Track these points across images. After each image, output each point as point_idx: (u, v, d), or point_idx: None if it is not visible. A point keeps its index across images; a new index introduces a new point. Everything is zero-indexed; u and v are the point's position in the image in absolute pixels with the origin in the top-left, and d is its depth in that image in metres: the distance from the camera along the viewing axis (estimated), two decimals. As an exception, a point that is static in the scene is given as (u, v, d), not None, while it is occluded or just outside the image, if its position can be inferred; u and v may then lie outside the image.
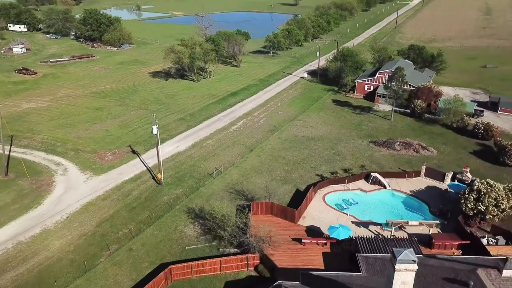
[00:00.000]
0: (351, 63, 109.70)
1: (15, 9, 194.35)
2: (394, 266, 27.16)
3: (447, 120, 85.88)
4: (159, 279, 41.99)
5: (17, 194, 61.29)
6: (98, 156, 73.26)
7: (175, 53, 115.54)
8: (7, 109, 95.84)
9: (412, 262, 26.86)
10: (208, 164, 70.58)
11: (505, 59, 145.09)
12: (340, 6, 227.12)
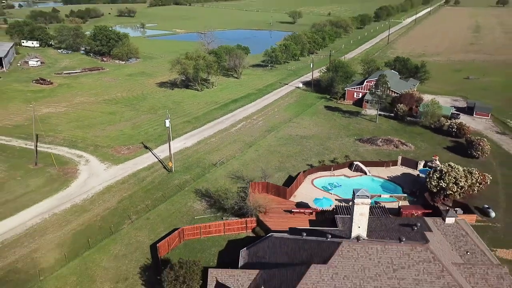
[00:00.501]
0: (342, 73, 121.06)
1: (28, 26, 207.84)
2: (354, 202, 37.22)
3: (425, 121, 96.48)
4: (173, 236, 51.86)
5: (47, 179, 71.45)
6: (114, 150, 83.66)
7: (180, 64, 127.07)
8: (29, 113, 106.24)
9: (367, 197, 36.96)
10: (212, 156, 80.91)
11: (487, 72, 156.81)
12: (335, 24, 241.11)
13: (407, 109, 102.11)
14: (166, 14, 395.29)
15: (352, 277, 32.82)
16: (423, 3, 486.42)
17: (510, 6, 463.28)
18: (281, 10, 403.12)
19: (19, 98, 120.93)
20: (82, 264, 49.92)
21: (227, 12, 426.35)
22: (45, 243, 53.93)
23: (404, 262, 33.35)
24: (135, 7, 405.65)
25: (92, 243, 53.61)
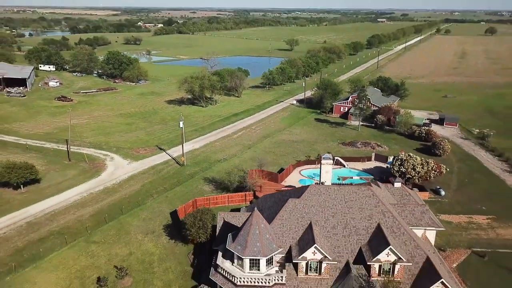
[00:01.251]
0: (330, 91, 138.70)
1: (45, 52, 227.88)
2: (321, 162, 53.24)
3: (400, 129, 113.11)
4: (188, 204, 67.39)
5: (81, 171, 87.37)
6: (134, 151, 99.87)
7: (188, 83, 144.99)
8: (56, 124, 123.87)
9: (330, 159, 53.04)
10: (217, 155, 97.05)
11: (464, 92, 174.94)
12: (329, 50, 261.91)
13: (385, 119, 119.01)
14: (170, 42, 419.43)
15: (317, 206, 48.24)
16: (415, 32, 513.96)
17: (498, 35, 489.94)
18: (279, 39, 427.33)
19: (45, 112, 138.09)
20: (119, 224, 65.27)
21: (228, 40, 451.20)
22: (87, 211, 69.44)
23: (353, 197, 48.86)
24: (141, 36, 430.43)
25: (124, 211, 69.13)
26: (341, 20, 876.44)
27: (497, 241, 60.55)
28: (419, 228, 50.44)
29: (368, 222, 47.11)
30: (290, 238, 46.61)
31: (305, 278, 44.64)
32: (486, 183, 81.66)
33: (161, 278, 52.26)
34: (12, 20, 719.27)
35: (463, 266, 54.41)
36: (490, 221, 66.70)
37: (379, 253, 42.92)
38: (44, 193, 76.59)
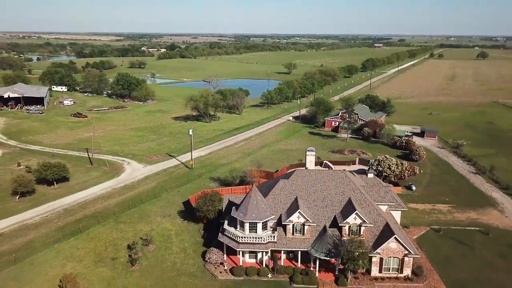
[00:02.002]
0: (323, 107, 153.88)
1: (58, 74, 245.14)
2: (306, 153, 67.42)
3: (384, 140, 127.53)
4: (198, 194, 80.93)
5: (103, 172, 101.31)
6: (147, 157, 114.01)
7: (193, 100, 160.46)
8: (74, 136, 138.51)
9: (313, 151, 67.25)
10: (220, 161, 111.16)
11: (448, 109, 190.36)
12: (324, 73, 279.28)
13: (371, 132, 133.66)
14: (173, 65, 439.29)
15: (302, 185, 62.01)
16: (410, 56, 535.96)
17: (489, 59, 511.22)
18: (278, 63, 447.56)
19: (64, 126, 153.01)
20: (140, 210, 78.83)
21: (229, 64, 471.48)
22: (113, 201, 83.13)
23: (330, 178, 62.69)
24: (145, 60, 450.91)
25: (144, 201, 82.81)
26: (339, 45, 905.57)
27: (452, 222, 74.03)
28: (383, 204, 63.99)
29: (341, 197, 60.90)
30: (280, 209, 60.30)
31: (292, 238, 58.10)
32: (453, 182, 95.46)
33: (178, 245, 65.55)
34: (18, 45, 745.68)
35: (421, 238, 67.77)
36: (450, 208, 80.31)
37: (348, 217, 56.54)
38: (74, 188, 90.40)
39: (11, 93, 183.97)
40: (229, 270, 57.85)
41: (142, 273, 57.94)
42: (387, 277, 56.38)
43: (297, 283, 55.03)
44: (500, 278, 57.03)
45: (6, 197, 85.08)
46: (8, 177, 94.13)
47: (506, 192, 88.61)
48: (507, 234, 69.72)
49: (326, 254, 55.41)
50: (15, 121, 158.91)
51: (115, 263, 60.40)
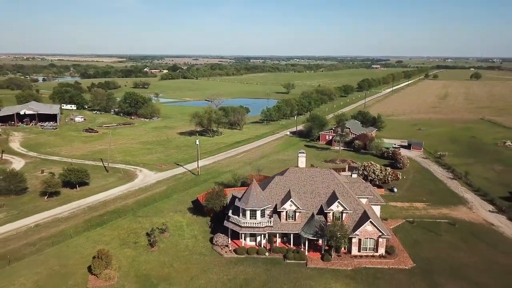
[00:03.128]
0: (318, 122, 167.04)
1: (68, 93, 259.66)
2: (298, 155, 79.98)
3: (373, 151, 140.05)
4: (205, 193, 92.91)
5: (118, 178, 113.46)
6: (157, 166, 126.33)
7: (198, 116, 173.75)
8: (89, 148, 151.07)
9: (304, 153, 79.82)
10: (223, 168, 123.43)
11: (436, 125, 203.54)
12: (321, 92, 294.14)
13: (362, 144, 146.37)
14: (176, 86, 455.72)
15: (294, 180, 74.20)
16: (405, 77, 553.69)
17: (483, 80, 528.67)
18: (277, 83, 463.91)
19: (78, 140, 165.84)
20: (154, 207, 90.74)
21: (230, 84, 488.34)
22: (130, 201, 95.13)
23: (317, 174, 74.92)
24: (149, 80, 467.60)
25: (157, 200, 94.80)
26: (337, 67, 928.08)
27: (425, 216, 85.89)
28: (363, 197, 76.00)
29: (327, 189, 73.08)
30: (275, 199, 72.38)
31: (285, 223, 70.00)
32: (431, 185, 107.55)
33: (189, 233, 77.30)
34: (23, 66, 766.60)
35: (397, 228, 79.51)
36: (425, 206, 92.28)
37: (331, 205, 68.60)
38: (94, 190, 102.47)
39: (26, 110, 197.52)
40: (233, 250, 69.50)
41: (160, 253, 69.59)
42: (365, 255, 67.95)
43: (290, 259, 66.65)
44: (459, 256, 68.65)
45: (36, 197, 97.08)
46: (35, 182, 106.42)
47: (476, 193, 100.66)
48: (471, 225, 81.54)
49: (313, 235, 67.22)
50: (32, 136, 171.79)
51: (137, 245, 72.12)
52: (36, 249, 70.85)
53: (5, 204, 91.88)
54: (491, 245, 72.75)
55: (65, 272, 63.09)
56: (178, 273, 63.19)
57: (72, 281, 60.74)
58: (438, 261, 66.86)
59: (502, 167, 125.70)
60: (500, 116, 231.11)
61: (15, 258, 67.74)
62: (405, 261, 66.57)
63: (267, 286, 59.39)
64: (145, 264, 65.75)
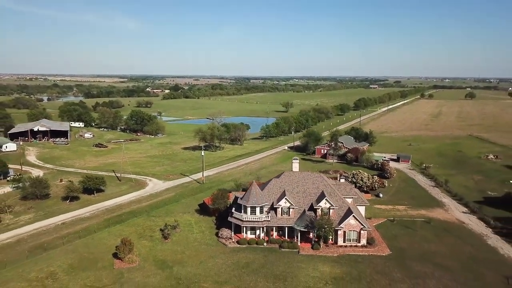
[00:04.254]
0: (313, 137, 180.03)
1: (76, 111, 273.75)
2: (292, 161, 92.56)
3: (364, 163, 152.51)
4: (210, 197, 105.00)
5: (130, 186, 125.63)
6: (165, 176, 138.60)
7: (202, 132, 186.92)
8: (100, 161, 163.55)
9: (297, 159, 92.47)
10: (226, 178, 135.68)
11: (426, 141, 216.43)
12: (318, 110, 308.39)
13: (354, 157, 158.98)
14: (178, 105, 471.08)
15: (288, 181, 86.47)
16: (401, 96, 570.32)
17: (477, 99, 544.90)
18: (277, 102, 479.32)
19: (89, 154, 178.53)
20: (165, 209, 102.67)
21: (231, 103, 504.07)
22: (143, 204, 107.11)
23: (309, 177, 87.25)
24: (151, 99, 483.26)
25: (167, 203, 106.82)
26: (335, 87, 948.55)
27: (405, 216, 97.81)
28: (349, 196, 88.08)
29: (316, 190, 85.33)
30: (272, 198, 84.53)
31: (281, 218, 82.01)
32: (414, 192, 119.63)
33: (197, 229, 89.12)
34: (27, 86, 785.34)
35: (379, 225, 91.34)
36: (406, 208, 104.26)
37: (320, 202, 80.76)
38: (110, 196, 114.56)
39: (40, 127, 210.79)
40: (236, 242, 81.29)
41: (173, 244, 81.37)
42: (349, 245, 79.68)
43: (284, 248, 78.43)
44: (430, 246, 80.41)
45: (58, 201, 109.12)
46: (55, 189, 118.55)
47: (454, 198, 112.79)
48: (444, 223, 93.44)
49: (304, 227, 79.15)
50: (46, 150, 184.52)
51: (153, 238, 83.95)
52: (66, 240, 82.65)
53: (32, 207, 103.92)
54: (459, 238, 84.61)
55: (93, 258, 74.81)
56: (190, 258, 74.91)
57: (100, 264, 72.44)
58: (411, 250, 78.63)
59: (481, 177, 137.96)
60: (488, 133, 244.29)
61: (50, 247, 79.50)
62: (383, 250, 78.31)
63: (265, 267, 71.08)
64: (161, 252, 77.52)
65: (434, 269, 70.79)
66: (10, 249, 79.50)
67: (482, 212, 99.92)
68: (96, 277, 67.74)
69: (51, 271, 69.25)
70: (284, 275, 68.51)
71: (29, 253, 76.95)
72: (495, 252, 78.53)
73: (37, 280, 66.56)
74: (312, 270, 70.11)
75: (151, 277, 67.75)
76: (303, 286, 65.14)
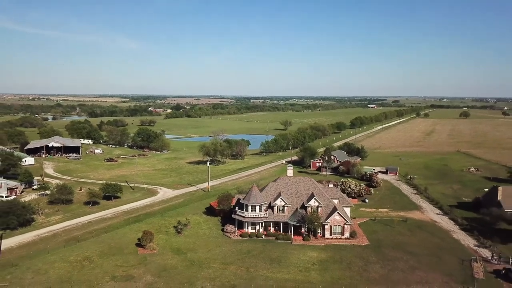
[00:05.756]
0: (309, 152, 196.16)
1: (86, 129, 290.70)
2: (287, 168, 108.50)
3: (355, 175, 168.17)
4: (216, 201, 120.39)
5: (143, 194, 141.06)
6: (174, 185, 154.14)
7: (206, 147, 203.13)
8: (112, 174, 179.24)
9: (291, 166, 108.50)
10: (229, 187, 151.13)
11: (416, 156, 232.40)
12: (315, 128, 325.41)
13: (345, 169, 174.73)
14: (180, 123, 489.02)
15: (283, 184, 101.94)
16: (397, 115, 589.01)
17: (471, 118, 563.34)
18: (276, 121, 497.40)
19: (101, 167, 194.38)
20: (176, 211, 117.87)
21: (232, 122, 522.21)
22: (156, 208, 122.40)
23: (301, 181, 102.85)
24: (154, 118, 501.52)
25: (177, 207, 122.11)
26: (334, 106, 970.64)
27: (386, 216, 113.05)
28: (335, 198, 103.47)
29: (307, 191, 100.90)
30: (270, 198, 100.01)
31: (277, 214, 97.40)
32: (397, 198, 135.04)
33: (205, 226, 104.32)
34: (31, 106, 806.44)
35: (362, 223, 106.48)
36: (388, 210, 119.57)
37: (310, 201, 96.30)
38: (126, 201, 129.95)
39: (54, 143, 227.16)
40: (239, 235, 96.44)
41: (185, 237, 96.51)
42: (335, 238, 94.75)
43: (280, 239, 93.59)
44: (403, 238, 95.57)
45: (81, 206, 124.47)
46: (76, 196, 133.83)
47: (431, 203, 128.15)
48: (419, 222, 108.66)
49: (297, 222, 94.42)
50: (61, 164, 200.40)
51: (168, 233, 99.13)
52: (94, 234, 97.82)
53: (59, 210, 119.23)
54: (429, 233, 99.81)
55: (119, 246, 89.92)
56: (200, 247, 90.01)
57: (126, 250, 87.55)
58: (387, 241, 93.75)
59: (460, 186, 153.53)
60: (475, 149, 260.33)
61: (81, 239, 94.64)
62: (363, 241, 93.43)
63: (263, 253, 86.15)
64: (175, 243, 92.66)
65: (404, 255, 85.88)
66: (49, 240, 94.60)
67: (453, 213, 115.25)
68: (124, 260, 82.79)
69: (86, 256, 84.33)
70: (279, 258, 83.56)
71: (65, 243, 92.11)
72: (457, 242, 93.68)
73: (76, 262, 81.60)
74: (302, 255, 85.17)
75: (169, 260, 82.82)
76: (294, 266, 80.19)
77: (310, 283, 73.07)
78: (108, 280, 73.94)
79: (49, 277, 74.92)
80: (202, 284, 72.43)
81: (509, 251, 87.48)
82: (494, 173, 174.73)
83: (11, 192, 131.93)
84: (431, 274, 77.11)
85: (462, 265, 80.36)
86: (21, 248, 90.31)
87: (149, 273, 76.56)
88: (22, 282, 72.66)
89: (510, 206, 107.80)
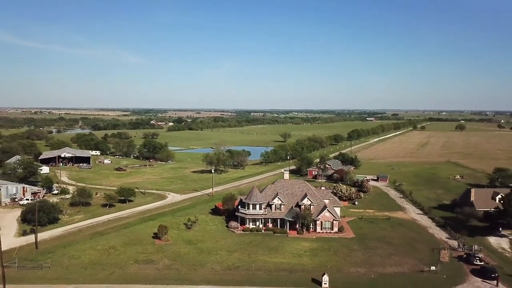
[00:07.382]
0: (306, 161, 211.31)
1: (93, 140, 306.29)
2: (283, 172, 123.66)
3: (348, 182, 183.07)
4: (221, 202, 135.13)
5: (153, 198, 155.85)
6: (181, 191, 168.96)
7: (209, 157, 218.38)
8: (123, 181, 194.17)
9: (288, 170, 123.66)
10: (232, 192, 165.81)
11: (407, 166, 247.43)
12: (313, 140, 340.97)
13: (339, 177, 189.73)
14: (182, 136, 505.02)
15: (280, 186, 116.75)
16: (394, 128, 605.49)
17: (466, 131, 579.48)
18: (276, 133, 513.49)
19: (112, 176, 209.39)
20: (185, 212, 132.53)
21: (232, 134, 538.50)
22: (167, 209, 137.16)
23: (296, 183, 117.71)
24: (157, 131, 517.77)
25: (186, 208, 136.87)
26: (333, 119, 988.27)
27: (372, 216, 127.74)
28: (326, 198, 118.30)
29: (301, 192, 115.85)
30: (269, 198, 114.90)
31: (274, 212, 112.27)
32: (384, 201, 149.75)
33: (212, 223, 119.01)
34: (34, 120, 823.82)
35: (350, 221, 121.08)
36: (374, 211, 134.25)
37: (303, 200, 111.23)
38: (138, 204, 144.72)
39: (66, 154, 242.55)
40: (241, 230, 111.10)
41: (195, 232, 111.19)
42: (325, 232, 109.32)
43: (277, 233, 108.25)
44: (385, 232, 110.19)
45: (99, 208, 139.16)
46: (94, 199, 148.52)
47: (414, 205, 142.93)
48: (401, 220, 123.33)
49: (292, 218, 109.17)
50: (74, 173, 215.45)
51: (179, 228, 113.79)
52: (115, 230, 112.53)
53: (80, 211, 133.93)
54: (408, 228, 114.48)
55: (138, 238, 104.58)
56: (208, 239, 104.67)
57: (144, 241, 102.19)
58: (371, 235, 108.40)
59: (443, 191, 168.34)
60: (464, 159, 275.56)
61: (105, 233, 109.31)
62: (350, 234, 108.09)
63: (262, 243, 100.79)
64: (186, 236, 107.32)
65: (383, 245, 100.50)
66: (75, 235, 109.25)
67: (432, 213, 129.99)
68: (144, 248, 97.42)
69: (111, 245, 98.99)
70: (276, 247, 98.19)
71: (91, 236, 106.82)
72: (431, 236, 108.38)
73: (103, 250, 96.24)
74: (296, 245, 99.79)
75: (182, 248, 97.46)
76: (289, 253, 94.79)
77: (302, 265, 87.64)
78: (132, 263, 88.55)
79: (83, 261, 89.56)
80: (211, 266, 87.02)
81: (474, 242, 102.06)
82: (477, 180, 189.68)
83: (34, 196, 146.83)
84: (405, 259, 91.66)
85: (432, 252, 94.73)
86: (53, 240, 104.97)
87: (166, 258, 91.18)
88: (61, 264, 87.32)
89: (481, 205, 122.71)
